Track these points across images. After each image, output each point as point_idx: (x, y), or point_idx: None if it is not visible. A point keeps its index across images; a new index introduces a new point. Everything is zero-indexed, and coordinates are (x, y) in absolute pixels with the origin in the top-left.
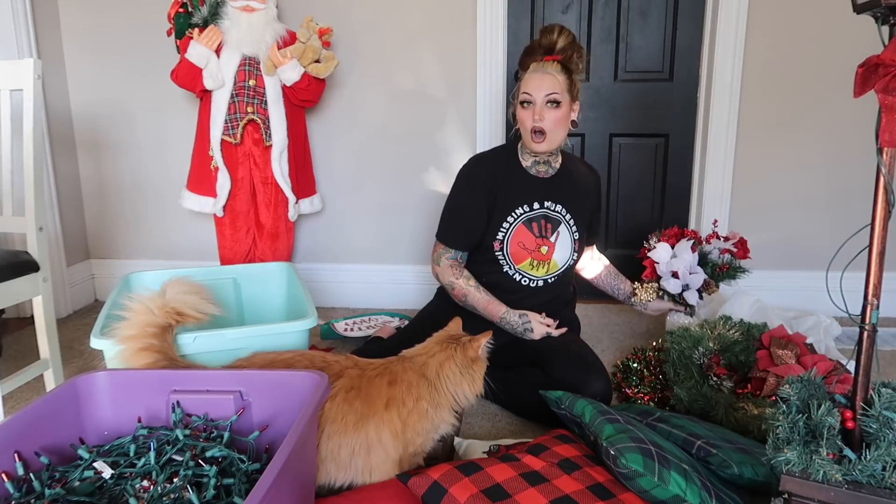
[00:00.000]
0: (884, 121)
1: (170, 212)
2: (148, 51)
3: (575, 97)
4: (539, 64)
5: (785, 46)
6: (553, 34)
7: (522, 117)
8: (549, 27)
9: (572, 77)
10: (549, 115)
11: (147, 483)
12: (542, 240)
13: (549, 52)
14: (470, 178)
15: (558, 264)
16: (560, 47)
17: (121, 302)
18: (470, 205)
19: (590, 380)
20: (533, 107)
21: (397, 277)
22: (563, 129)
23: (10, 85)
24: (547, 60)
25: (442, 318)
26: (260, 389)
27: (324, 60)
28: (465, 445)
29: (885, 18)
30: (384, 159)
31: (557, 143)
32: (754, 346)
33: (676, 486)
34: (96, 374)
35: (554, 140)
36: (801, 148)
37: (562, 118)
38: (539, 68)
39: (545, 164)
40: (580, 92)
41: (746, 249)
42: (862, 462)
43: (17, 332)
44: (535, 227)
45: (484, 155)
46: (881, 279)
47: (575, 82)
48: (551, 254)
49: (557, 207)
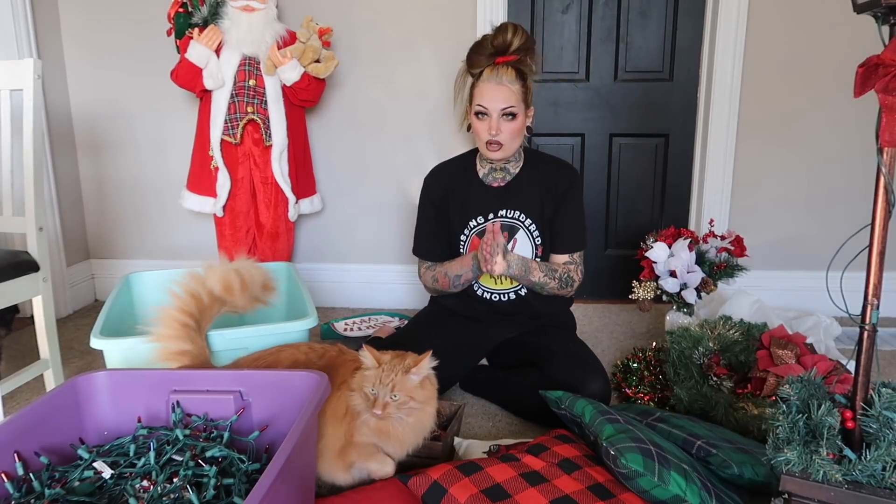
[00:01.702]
0: (884, 121)
1: (170, 212)
2: (148, 51)
3: (529, 104)
4: (493, 72)
5: (785, 46)
6: (507, 34)
7: (478, 128)
8: (503, 26)
9: (526, 83)
10: (505, 127)
11: (147, 483)
12: None
13: (501, 52)
14: (427, 193)
15: None
16: (515, 48)
17: (155, 300)
18: (431, 219)
19: (588, 380)
20: (489, 119)
21: (397, 278)
22: (520, 137)
23: (10, 85)
24: (499, 63)
25: (437, 321)
26: (260, 389)
27: (324, 60)
28: (465, 445)
29: (885, 18)
30: (384, 159)
31: (514, 151)
32: (754, 346)
33: (676, 486)
34: (96, 374)
35: (510, 149)
36: (801, 148)
37: (518, 128)
38: (493, 77)
39: (502, 171)
40: (533, 93)
41: (743, 248)
42: (862, 462)
43: (17, 332)
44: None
45: (441, 167)
46: (881, 279)
47: (529, 89)
48: None
49: (514, 213)
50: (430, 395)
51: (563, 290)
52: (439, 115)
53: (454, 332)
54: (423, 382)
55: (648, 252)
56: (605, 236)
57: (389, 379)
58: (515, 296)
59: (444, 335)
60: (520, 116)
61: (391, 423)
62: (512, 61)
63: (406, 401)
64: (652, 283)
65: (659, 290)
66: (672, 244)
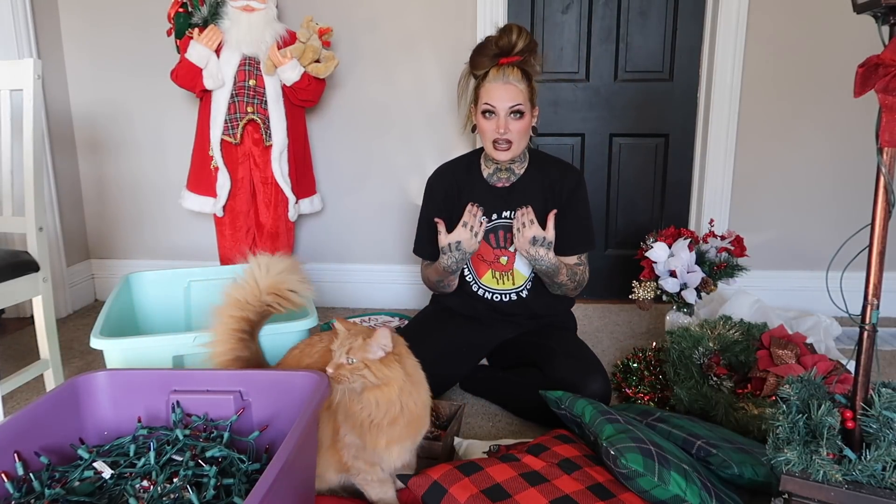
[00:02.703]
0: (884, 121)
1: (170, 212)
2: (148, 51)
3: (534, 104)
4: (499, 72)
5: (785, 46)
6: (512, 35)
7: (485, 128)
8: (507, 27)
9: (531, 84)
10: (513, 125)
11: (147, 483)
12: (500, 250)
13: (505, 53)
14: (431, 192)
15: (523, 274)
16: (519, 49)
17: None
18: (432, 219)
19: (589, 380)
20: (496, 118)
21: (397, 278)
22: (526, 137)
23: (10, 85)
24: (504, 64)
25: (437, 321)
26: (260, 389)
27: (324, 60)
28: (465, 445)
29: (885, 18)
30: (384, 159)
31: (521, 151)
32: (754, 346)
33: (676, 486)
34: (96, 374)
35: (518, 148)
36: (801, 148)
37: (525, 127)
38: (500, 77)
39: (507, 172)
40: (538, 95)
41: (743, 248)
42: (862, 462)
43: (17, 332)
44: (492, 239)
45: (445, 167)
46: (881, 279)
47: (534, 89)
48: (512, 263)
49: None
50: (393, 376)
51: (575, 292)
52: (440, 114)
53: (454, 332)
54: (388, 362)
55: (648, 252)
56: (605, 236)
57: (348, 342)
58: (516, 296)
59: (444, 335)
60: (526, 115)
61: (344, 392)
62: (516, 62)
63: (360, 367)
64: (652, 283)
65: (659, 290)
66: (672, 244)
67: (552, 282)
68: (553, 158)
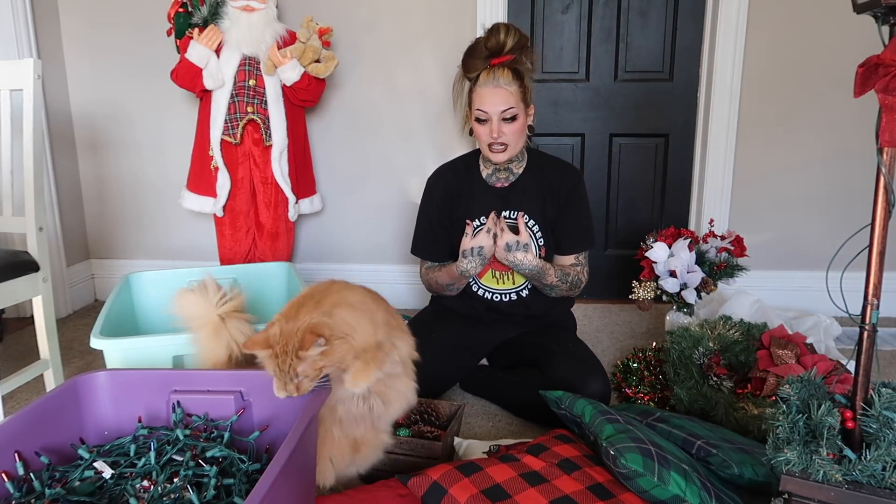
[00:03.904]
0: (884, 121)
1: (170, 212)
2: (148, 51)
3: (529, 103)
4: (489, 75)
5: (785, 46)
6: (500, 34)
7: (479, 133)
8: (495, 27)
9: (524, 83)
10: (507, 129)
11: (147, 483)
12: None
13: (496, 54)
14: (430, 192)
15: None
16: (509, 48)
17: None
18: (431, 219)
19: (589, 380)
20: (490, 123)
21: (397, 278)
22: (523, 137)
23: (10, 85)
24: (495, 65)
25: (437, 321)
26: (260, 389)
27: (324, 60)
28: (465, 445)
29: (885, 18)
30: (384, 159)
31: (518, 151)
32: (754, 346)
33: (676, 486)
34: (96, 374)
35: (514, 149)
36: (801, 148)
37: (520, 128)
38: (490, 81)
39: (505, 172)
40: (533, 93)
41: (743, 248)
42: (862, 462)
43: (17, 332)
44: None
45: (444, 167)
46: (881, 279)
47: (527, 88)
48: None
49: (517, 214)
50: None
51: (571, 293)
52: (439, 114)
53: (454, 332)
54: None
55: (648, 252)
56: (605, 236)
57: (287, 363)
58: (516, 296)
59: (444, 335)
60: (520, 117)
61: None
62: (508, 61)
63: (315, 373)
64: (652, 283)
65: (659, 290)
66: (672, 244)
67: (542, 284)
68: (552, 158)
